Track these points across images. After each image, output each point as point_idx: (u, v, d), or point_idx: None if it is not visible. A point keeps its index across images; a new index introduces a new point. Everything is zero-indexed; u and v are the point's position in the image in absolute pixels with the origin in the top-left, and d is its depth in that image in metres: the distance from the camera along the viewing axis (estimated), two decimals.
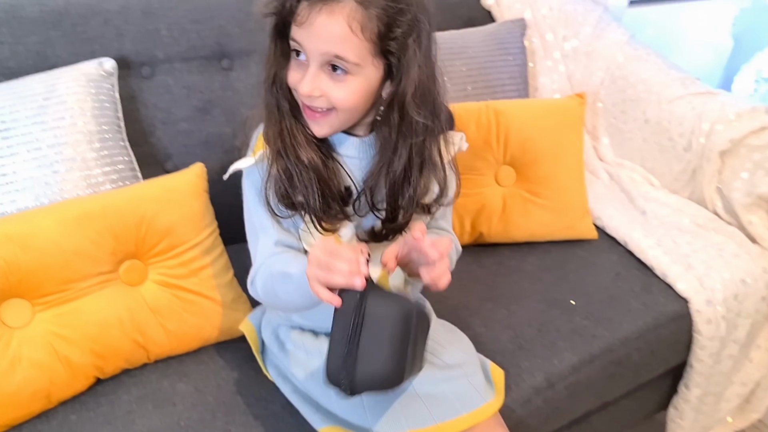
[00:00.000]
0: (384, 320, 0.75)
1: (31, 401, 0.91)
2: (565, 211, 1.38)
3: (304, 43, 0.82)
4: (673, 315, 1.24)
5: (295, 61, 0.86)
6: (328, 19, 0.79)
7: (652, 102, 1.56)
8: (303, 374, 0.97)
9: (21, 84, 1.10)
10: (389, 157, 0.90)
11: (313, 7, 0.79)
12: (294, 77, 0.86)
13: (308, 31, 0.81)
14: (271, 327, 1.05)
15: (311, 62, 0.83)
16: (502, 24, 1.62)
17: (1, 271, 0.90)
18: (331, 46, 0.81)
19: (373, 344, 0.75)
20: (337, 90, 0.84)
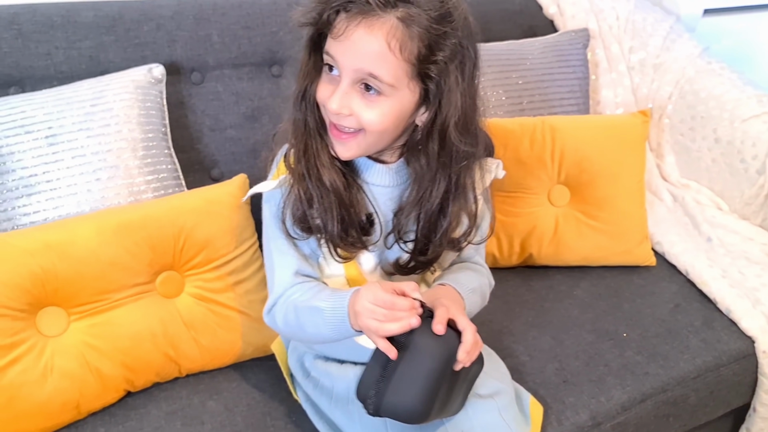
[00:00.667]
0: (426, 356, 0.76)
1: (60, 412, 0.91)
2: (622, 235, 1.30)
3: (338, 57, 0.78)
4: (736, 354, 1.15)
5: (327, 75, 0.82)
6: (366, 34, 0.75)
7: (724, 120, 1.46)
8: (327, 403, 0.94)
9: (70, 90, 1.11)
10: (426, 188, 0.85)
11: (351, 20, 0.75)
12: (323, 93, 0.82)
13: (344, 44, 0.77)
14: (296, 354, 1.02)
15: (343, 78, 0.79)
16: (563, 34, 1.55)
17: (39, 279, 0.90)
18: (366, 63, 0.76)
19: (409, 375, 0.75)
20: (368, 111, 0.79)
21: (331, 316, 0.80)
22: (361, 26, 0.75)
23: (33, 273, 0.90)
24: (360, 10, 0.75)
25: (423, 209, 0.87)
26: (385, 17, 0.75)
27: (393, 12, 0.75)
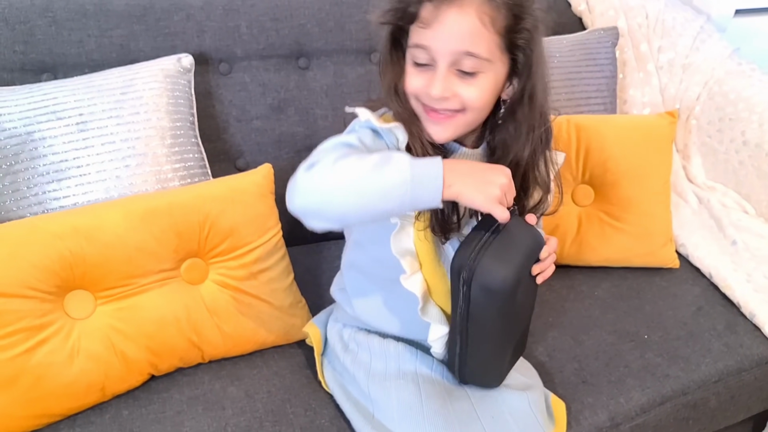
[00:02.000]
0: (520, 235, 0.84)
1: (86, 393, 0.93)
2: (645, 236, 1.29)
3: (432, 44, 0.80)
4: (758, 359, 1.14)
5: (416, 67, 0.83)
6: (458, 15, 0.77)
7: (753, 122, 1.45)
8: (363, 377, 0.95)
9: (100, 77, 1.13)
10: (515, 153, 0.88)
11: (439, 5, 0.77)
12: (415, 83, 0.84)
13: (437, 30, 0.78)
14: (336, 327, 1.04)
15: (439, 63, 0.81)
16: (592, 32, 1.54)
17: (67, 262, 0.92)
18: (463, 43, 0.79)
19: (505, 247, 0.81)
20: (469, 89, 0.82)
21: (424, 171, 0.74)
22: (452, 8, 0.77)
23: (62, 256, 0.91)
24: None
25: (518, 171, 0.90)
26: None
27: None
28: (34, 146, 1.03)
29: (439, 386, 0.92)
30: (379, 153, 0.76)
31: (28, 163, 1.03)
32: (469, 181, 0.76)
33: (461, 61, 0.80)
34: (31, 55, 1.17)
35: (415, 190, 0.73)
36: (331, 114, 1.39)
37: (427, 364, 0.95)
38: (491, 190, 0.76)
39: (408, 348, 0.97)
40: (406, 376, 0.94)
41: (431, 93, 0.82)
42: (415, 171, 0.73)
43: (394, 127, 0.86)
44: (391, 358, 0.96)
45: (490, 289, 0.80)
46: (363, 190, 0.74)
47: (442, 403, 0.90)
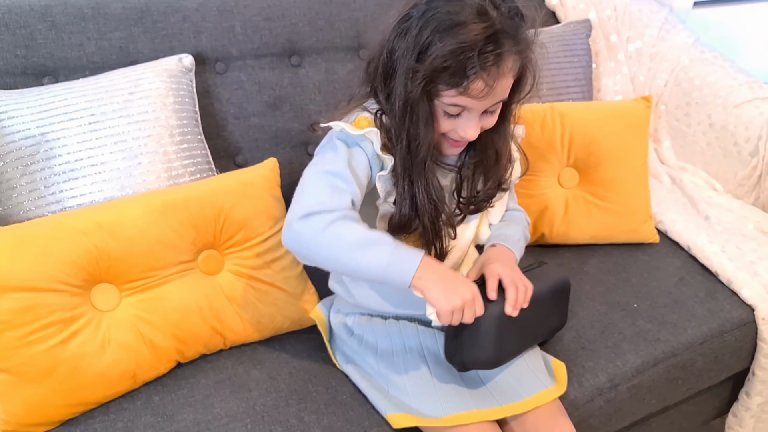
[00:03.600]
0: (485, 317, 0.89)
1: (119, 381, 0.96)
2: (628, 214, 1.38)
3: (473, 106, 0.87)
4: (738, 322, 1.23)
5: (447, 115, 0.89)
6: (503, 82, 0.85)
7: (718, 106, 1.55)
8: (373, 358, 1.01)
9: (107, 78, 1.16)
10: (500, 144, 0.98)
11: (491, 81, 0.83)
12: (446, 126, 0.90)
13: (484, 98, 0.85)
14: (340, 314, 1.09)
15: (475, 112, 0.88)
16: (567, 25, 1.62)
17: (93, 256, 0.95)
18: (500, 97, 0.88)
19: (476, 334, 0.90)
20: (492, 119, 0.92)
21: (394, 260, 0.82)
22: (500, 80, 0.84)
23: (87, 251, 0.94)
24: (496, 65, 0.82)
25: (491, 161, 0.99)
26: (508, 57, 0.84)
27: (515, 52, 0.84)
28: (48, 147, 1.06)
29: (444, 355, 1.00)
30: (367, 232, 0.84)
31: (44, 164, 1.05)
32: (438, 284, 0.83)
33: (492, 106, 0.89)
34: (33, 59, 1.19)
35: (386, 277, 0.83)
36: (325, 109, 1.44)
37: (430, 337, 1.02)
38: (454, 299, 0.83)
39: (409, 325, 1.04)
40: (412, 350, 1.01)
41: (468, 137, 0.90)
42: (392, 260, 0.82)
43: (368, 132, 0.91)
44: (395, 336, 1.02)
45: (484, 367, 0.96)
46: (344, 262, 0.85)
47: (448, 369, 0.98)
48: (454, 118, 0.89)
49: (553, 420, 0.96)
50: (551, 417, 0.96)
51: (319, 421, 0.95)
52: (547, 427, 0.95)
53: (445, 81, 0.84)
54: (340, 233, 0.83)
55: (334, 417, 0.97)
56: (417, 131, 0.88)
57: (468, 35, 0.80)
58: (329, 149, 0.93)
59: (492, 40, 0.81)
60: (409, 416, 0.93)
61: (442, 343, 1.00)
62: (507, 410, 0.94)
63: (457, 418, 0.91)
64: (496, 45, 0.81)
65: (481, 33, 0.80)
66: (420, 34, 0.83)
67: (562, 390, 1.01)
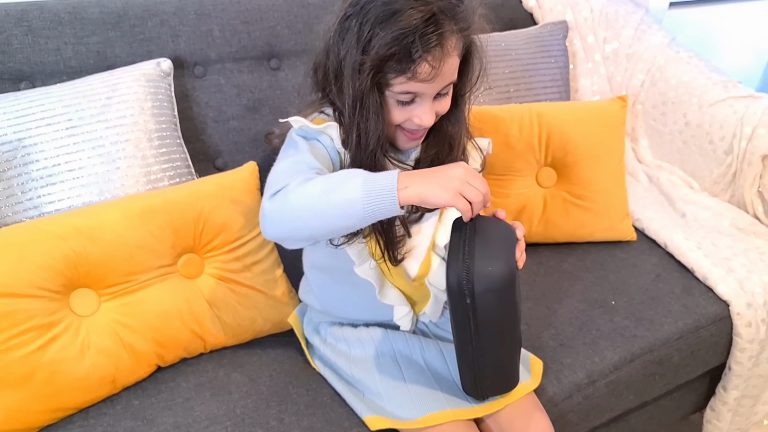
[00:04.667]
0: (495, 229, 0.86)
1: (98, 386, 0.96)
2: (605, 212, 1.40)
3: (424, 90, 0.87)
4: (713, 317, 1.25)
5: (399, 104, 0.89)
6: (449, 63, 0.86)
7: (693, 105, 1.57)
8: (346, 365, 1.02)
9: (84, 83, 1.16)
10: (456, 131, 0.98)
11: (436, 62, 0.84)
12: (401, 116, 0.90)
13: (432, 81, 0.85)
14: (312, 324, 1.10)
15: (426, 98, 0.89)
16: (544, 26, 1.64)
17: (71, 261, 0.95)
18: (449, 79, 0.89)
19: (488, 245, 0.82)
20: (445, 103, 0.92)
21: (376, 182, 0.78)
22: (445, 60, 0.85)
23: (66, 256, 0.94)
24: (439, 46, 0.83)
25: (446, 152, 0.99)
26: (451, 38, 0.85)
27: (456, 31, 0.85)
28: (26, 152, 1.05)
29: (417, 357, 1.01)
30: (336, 174, 0.81)
31: (21, 169, 1.05)
32: (426, 181, 0.79)
33: (443, 89, 0.90)
34: (9, 64, 1.18)
35: (371, 204, 0.77)
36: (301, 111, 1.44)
37: (402, 341, 1.03)
38: (451, 183, 0.79)
39: (380, 330, 1.05)
40: (384, 355, 1.02)
41: (424, 123, 0.90)
42: (367, 186, 0.77)
43: (326, 127, 0.92)
44: (367, 343, 1.03)
45: (495, 289, 0.81)
46: (322, 212, 0.79)
47: (421, 371, 0.99)
48: (408, 105, 0.89)
49: (529, 415, 0.97)
50: (527, 412, 0.98)
51: (299, 423, 0.96)
52: (523, 423, 0.96)
53: (393, 69, 0.84)
54: (306, 188, 0.80)
55: (314, 418, 0.97)
56: (367, 124, 0.88)
57: (408, 20, 0.81)
58: (290, 146, 0.93)
59: (431, 22, 0.82)
60: (384, 419, 0.94)
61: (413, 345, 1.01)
62: (480, 410, 0.95)
63: (431, 419, 0.91)
64: (437, 26, 0.82)
65: (420, 16, 0.81)
66: (361, 29, 0.84)
67: (536, 383, 1.02)
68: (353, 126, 0.89)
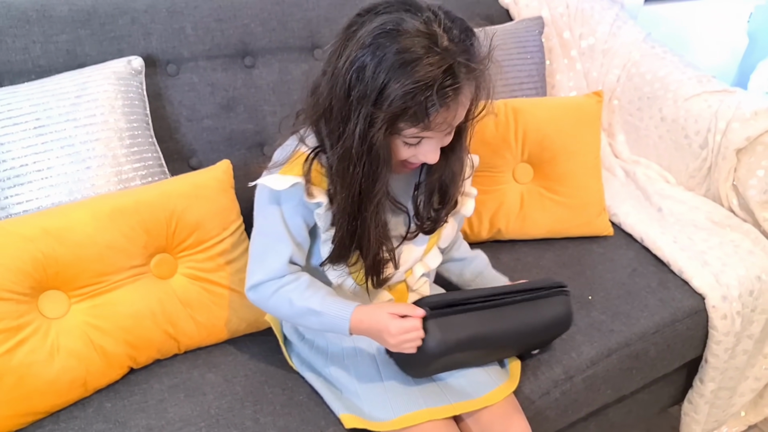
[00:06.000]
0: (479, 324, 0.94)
1: (69, 389, 0.94)
2: (582, 207, 1.40)
3: (436, 136, 0.86)
4: (689, 311, 1.26)
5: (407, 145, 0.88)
6: (462, 110, 0.85)
7: (669, 100, 1.58)
8: (323, 360, 1.02)
9: (53, 82, 1.14)
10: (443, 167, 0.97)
11: (451, 113, 0.83)
12: (406, 154, 0.89)
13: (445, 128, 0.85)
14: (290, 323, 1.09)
15: (436, 140, 0.88)
16: (520, 22, 1.64)
17: (40, 263, 0.93)
18: (459, 121, 0.88)
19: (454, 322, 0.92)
20: (448, 139, 0.91)
21: (329, 323, 0.92)
22: (459, 109, 0.84)
23: (34, 258, 0.93)
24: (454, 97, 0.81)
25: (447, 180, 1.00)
26: (466, 85, 0.83)
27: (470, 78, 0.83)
28: None
29: None
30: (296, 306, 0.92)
31: None
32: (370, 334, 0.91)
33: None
34: None
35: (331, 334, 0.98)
36: (279, 110, 1.43)
37: None
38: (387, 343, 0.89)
39: None
40: (362, 352, 1.01)
41: (429, 162, 0.90)
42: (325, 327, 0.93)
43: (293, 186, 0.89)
44: (345, 340, 1.03)
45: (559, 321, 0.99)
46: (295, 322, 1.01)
47: (398, 369, 0.98)
48: (414, 146, 0.88)
49: (508, 417, 0.97)
50: (506, 414, 0.97)
51: (275, 423, 0.95)
52: (502, 425, 0.96)
53: (406, 121, 0.82)
54: (278, 305, 0.94)
55: (290, 418, 0.96)
56: (376, 171, 0.86)
57: (424, 72, 0.77)
58: (261, 209, 0.96)
59: (449, 74, 0.78)
60: (360, 419, 0.93)
61: None
62: (457, 408, 0.94)
63: (407, 419, 0.91)
64: (454, 78, 0.79)
65: (437, 68, 0.78)
66: (375, 79, 0.79)
67: (514, 385, 1.01)
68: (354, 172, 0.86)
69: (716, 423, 1.47)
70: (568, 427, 1.20)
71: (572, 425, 1.21)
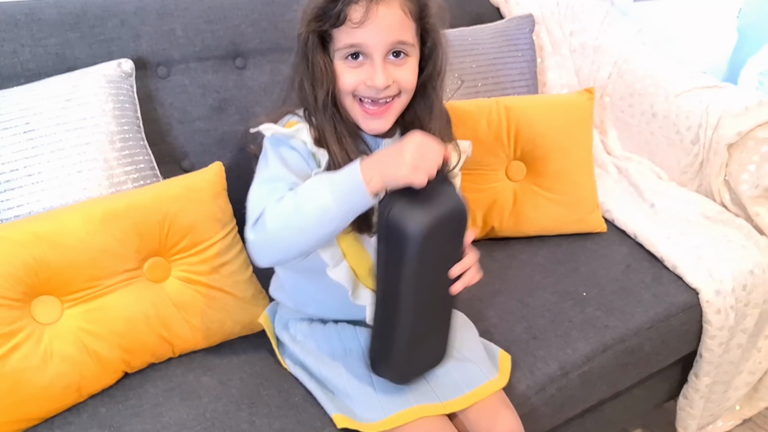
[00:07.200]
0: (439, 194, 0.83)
1: (63, 395, 0.94)
2: (575, 204, 1.40)
3: (367, 40, 0.87)
4: (683, 306, 1.26)
5: (348, 66, 0.90)
6: (387, 10, 0.86)
7: (660, 96, 1.58)
8: (314, 361, 1.02)
9: (43, 86, 1.13)
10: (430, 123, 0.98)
11: (369, 4, 0.85)
12: (351, 79, 0.90)
13: (370, 27, 0.86)
14: (282, 322, 1.09)
15: (375, 56, 0.88)
16: (511, 20, 1.64)
17: (32, 268, 0.92)
18: (395, 34, 0.88)
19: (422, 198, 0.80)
20: (403, 72, 0.91)
21: (342, 183, 0.81)
22: (380, 5, 0.86)
23: (26, 263, 0.92)
24: None
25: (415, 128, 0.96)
26: None
27: None
28: None
29: None
30: (302, 187, 0.84)
31: None
32: (385, 166, 0.80)
33: (394, 48, 0.89)
34: None
35: (344, 205, 0.81)
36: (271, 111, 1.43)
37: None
38: (405, 160, 0.79)
39: (348, 327, 1.05)
40: (352, 352, 1.01)
41: (376, 83, 0.89)
42: (335, 188, 0.81)
43: (298, 130, 0.92)
44: (334, 339, 1.03)
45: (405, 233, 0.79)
46: (302, 227, 0.83)
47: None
48: (358, 68, 0.90)
49: (496, 412, 0.97)
50: (493, 409, 0.97)
51: (270, 425, 0.95)
52: (490, 420, 0.96)
53: (328, 23, 0.87)
54: (280, 210, 0.83)
55: (285, 420, 0.96)
56: (315, 80, 0.90)
57: None
58: (264, 158, 0.95)
59: None
60: (351, 420, 0.93)
61: None
62: (447, 407, 0.94)
63: (399, 418, 0.91)
64: None
65: None
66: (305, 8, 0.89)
67: (504, 381, 1.01)
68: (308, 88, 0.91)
69: (711, 417, 1.48)
70: (564, 424, 1.20)
71: (568, 421, 1.21)
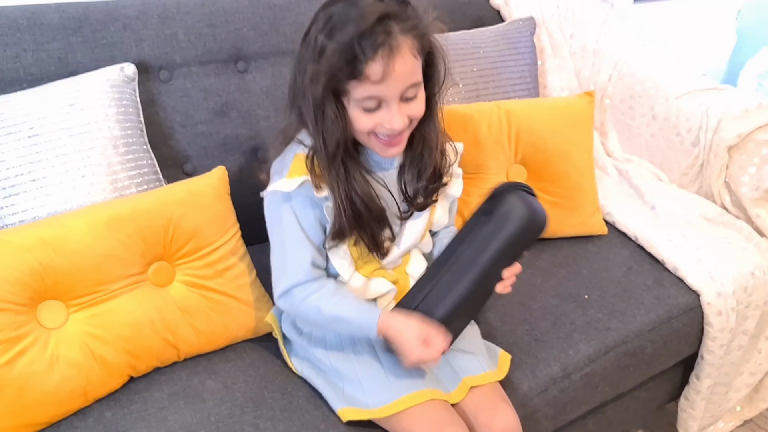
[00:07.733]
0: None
1: (69, 399, 0.94)
2: (576, 207, 1.41)
3: (384, 93, 0.89)
4: (684, 307, 1.27)
5: (365, 110, 0.91)
6: (402, 61, 0.87)
7: (660, 98, 1.59)
8: (323, 354, 1.03)
9: (46, 90, 1.13)
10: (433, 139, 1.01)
11: (386, 61, 0.85)
12: (369, 123, 0.92)
13: (388, 82, 0.87)
14: (289, 319, 1.10)
15: (391, 102, 0.90)
16: (511, 23, 1.65)
17: (38, 273, 0.93)
18: (409, 79, 0.89)
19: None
20: (416, 106, 0.93)
21: (358, 330, 0.98)
22: (396, 59, 0.86)
23: (32, 268, 0.92)
24: (387, 45, 0.85)
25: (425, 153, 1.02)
26: (401, 38, 0.86)
27: (406, 30, 0.87)
28: None
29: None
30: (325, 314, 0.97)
31: None
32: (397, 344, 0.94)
33: (407, 91, 0.91)
34: None
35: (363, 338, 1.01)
36: (273, 114, 1.43)
37: None
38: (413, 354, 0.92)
39: None
40: (361, 341, 1.03)
41: (395, 127, 0.91)
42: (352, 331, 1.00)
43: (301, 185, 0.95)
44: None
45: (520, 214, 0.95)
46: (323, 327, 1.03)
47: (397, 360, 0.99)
48: (375, 112, 0.91)
49: (494, 406, 0.99)
50: (492, 404, 0.99)
51: (275, 427, 0.95)
52: (489, 414, 0.98)
53: (345, 74, 0.87)
54: (308, 312, 0.98)
55: (290, 422, 0.96)
56: (326, 130, 0.91)
57: (356, 26, 0.84)
58: (273, 218, 1.00)
59: (378, 24, 0.85)
60: (357, 410, 0.95)
61: None
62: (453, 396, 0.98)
63: (409, 399, 0.93)
64: (384, 26, 0.85)
65: (367, 21, 0.84)
66: (316, 42, 0.88)
67: (501, 376, 1.04)
68: (318, 135, 0.93)
69: (712, 418, 1.48)
70: (566, 426, 1.20)
71: (570, 423, 1.21)
